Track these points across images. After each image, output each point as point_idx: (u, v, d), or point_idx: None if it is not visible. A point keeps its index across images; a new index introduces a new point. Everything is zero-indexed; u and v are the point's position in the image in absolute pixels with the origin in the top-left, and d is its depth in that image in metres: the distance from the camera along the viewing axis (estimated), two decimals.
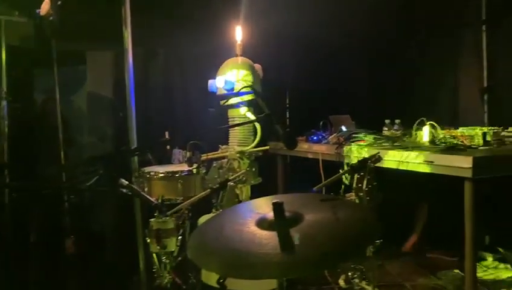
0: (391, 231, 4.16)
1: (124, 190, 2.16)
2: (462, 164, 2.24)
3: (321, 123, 3.58)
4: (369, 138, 3.10)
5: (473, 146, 2.67)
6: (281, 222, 1.50)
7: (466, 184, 2.27)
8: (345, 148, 3.06)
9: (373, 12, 4.33)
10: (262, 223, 1.58)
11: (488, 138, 2.72)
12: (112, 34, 3.30)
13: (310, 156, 3.48)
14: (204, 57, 3.85)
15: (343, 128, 3.55)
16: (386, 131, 3.38)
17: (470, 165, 2.20)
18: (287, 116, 5.04)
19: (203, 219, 2.41)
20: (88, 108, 4.52)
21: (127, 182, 2.14)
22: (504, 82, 4.08)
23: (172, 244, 2.12)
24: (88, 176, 2.28)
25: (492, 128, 2.86)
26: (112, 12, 3.18)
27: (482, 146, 2.69)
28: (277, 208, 1.51)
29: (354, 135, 3.18)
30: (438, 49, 4.03)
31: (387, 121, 3.43)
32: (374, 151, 2.62)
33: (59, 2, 2.87)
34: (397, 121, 3.40)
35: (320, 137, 3.51)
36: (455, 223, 2.38)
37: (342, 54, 4.66)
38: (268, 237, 1.50)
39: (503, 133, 2.74)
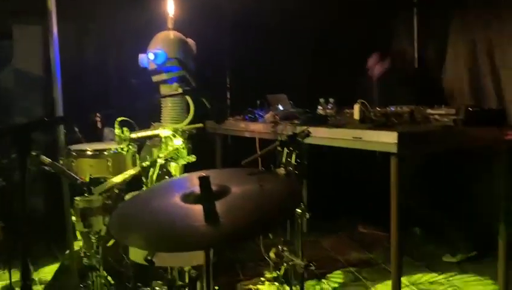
0: (326, 208, 4.34)
1: (47, 168, 2.06)
2: (388, 139, 2.32)
3: (258, 102, 3.58)
4: (303, 116, 3.13)
5: (400, 124, 2.77)
6: (206, 195, 1.49)
7: (392, 159, 2.35)
8: (280, 127, 3.08)
9: None
10: (188, 197, 1.57)
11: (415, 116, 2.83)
12: (41, 8, 3.13)
13: (247, 135, 3.48)
14: (137, 31, 3.71)
15: (280, 107, 3.58)
16: (320, 110, 3.44)
17: (396, 141, 2.28)
18: (228, 96, 5.01)
19: (129, 196, 2.34)
20: (15, 86, 4.28)
21: (49, 160, 2.04)
22: (434, 63, 4.27)
23: (99, 223, 2.05)
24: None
25: (421, 107, 2.98)
26: None
27: (409, 123, 2.80)
28: (203, 181, 1.50)
29: (288, 114, 3.20)
30: (371, 33, 4.12)
31: (321, 100, 3.50)
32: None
33: None
34: (331, 100, 3.47)
35: (257, 116, 3.51)
36: (388, 199, 2.45)
37: (280, 34, 4.68)
38: (194, 210, 1.49)
39: (428, 111, 2.85)
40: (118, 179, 2.18)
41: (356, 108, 2.95)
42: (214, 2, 4.10)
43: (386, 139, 2.35)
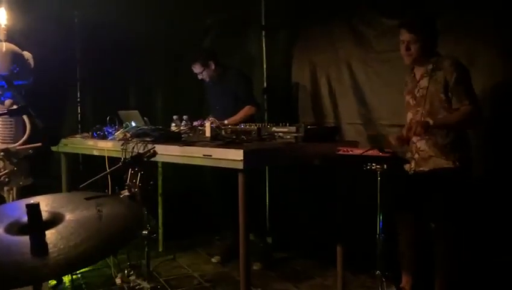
0: (182, 224, 4.34)
1: None
2: (235, 156, 2.42)
3: (108, 118, 3.44)
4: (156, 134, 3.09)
5: (248, 141, 2.90)
6: (34, 224, 1.38)
7: (239, 175, 2.45)
8: (131, 145, 2.99)
9: (164, 12, 4.41)
10: (13, 228, 1.44)
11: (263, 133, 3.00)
12: None
13: (95, 153, 3.31)
14: None
15: (133, 123, 3.48)
16: (174, 127, 3.44)
17: (241, 158, 2.39)
18: (79, 111, 4.73)
19: None
20: None
21: None
22: (280, 83, 4.59)
23: None
24: None
25: (269, 124, 3.16)
26: None
27: (257, 140, 2.95)
28: (31, 209, 1.39)
29: (140, 131, 3.13)
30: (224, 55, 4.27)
31: (175, 117, 3.51)
32: (157, 147, 2.65)
33: None
34: (185, 117, 3.50)
35: (106, 133, 3.37)
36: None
37: (137, 52, 4.63)
38: (19, 243, 1.37)
39: (273, 129, 3.04)
40: None
41: (207, 126, 3.02)
42: (63, 11, 3.86)
43: (233, 157, 2.44)
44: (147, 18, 4.53)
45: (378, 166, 2.49)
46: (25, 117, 2.40)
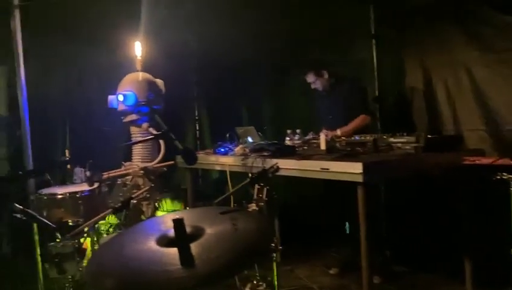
0: (299, 235, 4.39)
1: (19, 215, 2.04)
2: (354, 169, 2.42)
3: (227, 135, 3.65)
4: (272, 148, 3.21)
5: (365, 153, 2.89)
6: (181, 238, 1.52)
7: (359, 188, 2.45)
8: (250, 159, 3.15)
9: (271, 32, 4.56)
10: (162, 241, 1.60)
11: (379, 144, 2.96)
12: (4, 49, 3.15)
13: (217, 168, 3.53)
14: (106, 73, 3.76)
15: (249, 139, 3.66)
16: (288, 141, 3.54)
17: (361, 171, 2.38)
18: (197, 128, 5.09)
19: (104, 240, 2.34)
20: None
21: (20, 207, 2.02)
22: (392, 91, 4.47)
23: (73, 268, 2.04)
24: None
25: (384, 135, 3.12)
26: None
27: (373, 152, 2.92)
28: (177, 224, 1.53)
29: (258, 146, 3.28)
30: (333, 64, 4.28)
31: (288, 131, 3.60)
32: (275, 161, 2.76)
33: None
34: (298, 130, 3.58)
35: (227, 149, 3.57)
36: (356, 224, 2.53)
37: (246, 69, 4.84)
38: (170, 254, 1.52)
39: (391, 139, 2.98)
40: (90, 222, 2.18)
41: (322, 138, 3.06)
42: (181, 42, 4.21)
43: (351, 170, 2.45)
44: (255, 38, 4.73)
45: (510, 176, 2.32)
46: (160, 141, 2.65)
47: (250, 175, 2.10)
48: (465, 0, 3.65)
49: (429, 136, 2.76)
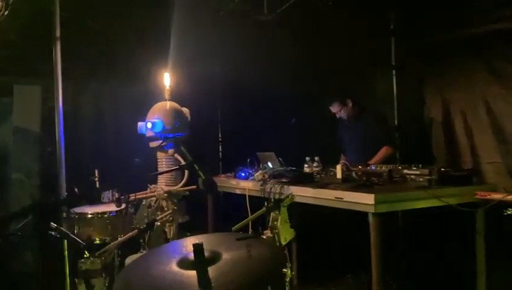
0: (317, 260, 4.44)
1: (53, 233, 2.22)
2: (366, 200, 2.53)
3: (248, 160, 3.79)
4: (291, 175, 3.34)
5: (379, 183, 2.98)
6: (200, 262, 1.66)
7: (371, 217, 2.54)
8: (269, 185, 3.27)
9: (294, 59, 4.72)
10: (183, 263, 1.75)
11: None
12: (42, 69, 3.38)
13: (237, 191, 3.67)
14: (136, 100, 4.00)
15: (269, 164, 3.78)
16: (306, 168, 3.65)
17: (373, 202, 2.49)
18: (220, 150, 5.28)
19: (130, 259, 2.50)
20: (14, 142, 4.45)
21: (55, 225, 2.20)
22: (412, 122, 4.55)
23: (100, 284, 2.19)
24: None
25: (400, 165, 3.20)
26: (41, 47, 3.26)
27: (388, 183, 3.01)
28: (197, 248, 1.68)
29: (276, 172, 3.41)
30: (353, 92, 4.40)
31: (307, 158, 3.71)
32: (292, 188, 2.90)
33: None
34: (316, 158, 3.69)
35: (247, 173, 3.71)
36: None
37: (268, 96, 5.00)
38: (189, 276, 1.66)
39: (405, 171, 3.07)
40: (117, 242, 2.34)
41: (338, 168, 3.18)
42: (206, 71, 4.44)
43: (364, 201, 2.55)
44: (276, 66, 4.90)
45: None
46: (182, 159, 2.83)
47: (265, 203, 2.23)
48: (486, 36, 3.74)
49: (442, 169, 2.84)
